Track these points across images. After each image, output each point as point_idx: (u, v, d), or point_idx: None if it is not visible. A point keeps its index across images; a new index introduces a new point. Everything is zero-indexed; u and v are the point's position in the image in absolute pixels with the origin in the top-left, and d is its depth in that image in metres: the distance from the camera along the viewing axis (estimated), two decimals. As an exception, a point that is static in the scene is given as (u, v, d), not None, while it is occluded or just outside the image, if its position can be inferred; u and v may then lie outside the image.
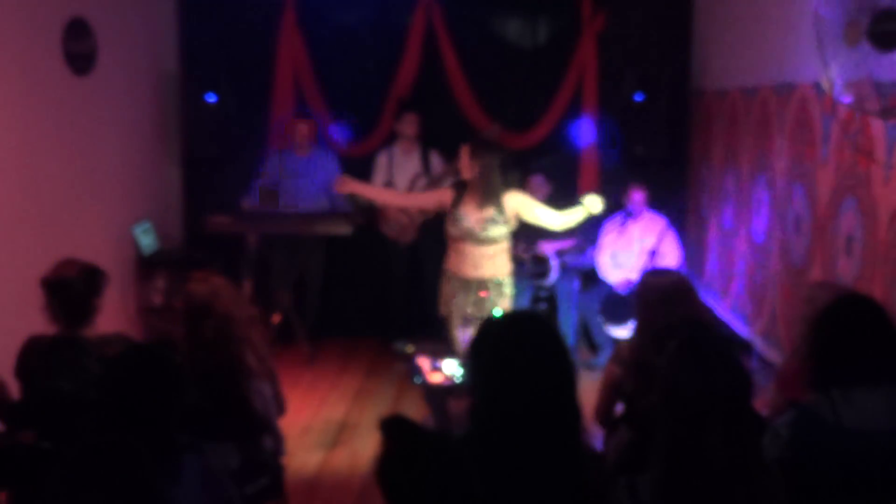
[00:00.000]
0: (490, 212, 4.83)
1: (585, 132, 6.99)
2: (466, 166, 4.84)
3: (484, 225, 4.83)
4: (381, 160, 6.73)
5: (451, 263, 4.98)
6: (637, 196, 6.36)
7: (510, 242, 5.01)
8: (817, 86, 4.34)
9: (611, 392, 3.44)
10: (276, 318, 6.56)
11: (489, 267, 4.91)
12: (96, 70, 5.79)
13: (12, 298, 4.70)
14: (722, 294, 6.19)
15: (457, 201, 4.89)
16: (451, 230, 4.91)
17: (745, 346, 5.35)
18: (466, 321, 4.92)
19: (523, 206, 4.91)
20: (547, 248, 6.43)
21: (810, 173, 4.52)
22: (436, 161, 6.70)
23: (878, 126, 3.72)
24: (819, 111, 4.42)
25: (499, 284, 4.94)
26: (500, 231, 4.86)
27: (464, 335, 4.94)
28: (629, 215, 6.42)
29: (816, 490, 2.64)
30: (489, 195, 4.81)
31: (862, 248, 3.89)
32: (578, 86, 6.98)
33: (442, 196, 5.02)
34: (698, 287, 6.48)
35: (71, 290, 3.29)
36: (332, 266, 6.95)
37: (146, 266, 6.52)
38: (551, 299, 6.61)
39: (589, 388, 5.97)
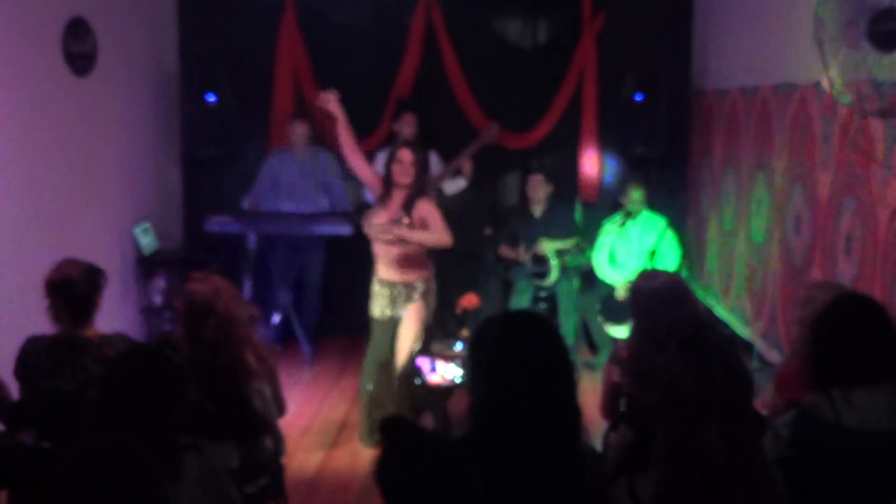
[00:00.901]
0: (400, 214, 4.84)
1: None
2: (406, 171, 4.84)
3: (390, 224, 4.82)
4: (380, 160, 6.73)
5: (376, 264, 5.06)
6: (636, 195, 6.37)
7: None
8: (817, 86, 4.34)
9: (612, 391, 3.44)
10: (276, 318, 6.56)
11: (399, 268, 4.93)
12: (96, 70, 5.79)
13: (12, 298, 4.70)
14: (722, 294, 6.19)
15: (381, 198, 4.94)
16: (367, 227, 4.96)
17: (745, 346, 5.35)
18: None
19: (431, 216, 4.85)
20: (547, 248, 6.43)
21: (810, 173, 4.52)
22: (434, 161, 6.70)
23: (878, 126, 3.72)
24: (819, 111, 4.42)
25: (410, 288, 4.97)
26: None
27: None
28: (628, 215, 6.42)
29: (817, 490, 2.64)
30: (413, 199, 4.84)
31: (862, 248, 3.90)
32: (578, 86, 6.99)
33: (375, 178, 5.04)
34: (698, 287, 6.51)
35: (75, 289, 3.30)
36: (332, 266, 6.95)
37: (146, 266, 6.52)
38: (551, 299, 6.61)
39: (589, 388, 5.99)
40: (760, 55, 5.42)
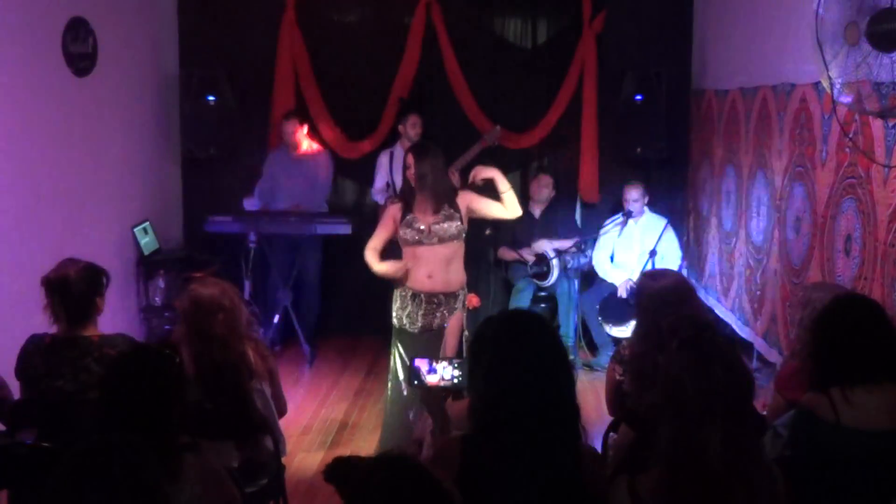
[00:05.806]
0: (444, 211, 4.51)
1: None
2: (412, 173, 4.51)
3: (439, 222, 4.49)
4: (383, 161, 6.73)
5: (405, 275, 4.60)
6: (632, 194, 6.36)
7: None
8: (817, 86, 4.34)
9: (616, 390, 3.45)
10: (276, 318, 6.56)
11: (445, 276, 4.55)
12: (96, 70, 5.79)
13: (13, 298, 4.70)
14: (722, 294, 6.19)
15: (407, 209, 4.56)
16: (405, 234, 4.53)
17: (745, 346, 5.35)
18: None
19: (474, 201, 4.59)
20: (546, 248, 6.42)
21: (810, 173, 4.52)
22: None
23: (878, 126, 3.72)
24: (819, 111, 4.42)
25: (454, 297, 4.59)
26: (456, 228, 4.50)
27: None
28: (628, 215, 6.42)
29: (816, 489, 2.65)
30: (440, 197, 4.51)
31: (861, 249, 3.89)
32: (578, 86, 6.99)
33: (394, 215, 4.60)
34: (698, 287, 6.51)
35: (71, 289, 3.28)
36: (332, 266, 6.95)
37: (146, 266, 6.52)
38: (551, 299, 6.61)
39: (589, 388, 5.97)
40: (760, 55, 5.42)
